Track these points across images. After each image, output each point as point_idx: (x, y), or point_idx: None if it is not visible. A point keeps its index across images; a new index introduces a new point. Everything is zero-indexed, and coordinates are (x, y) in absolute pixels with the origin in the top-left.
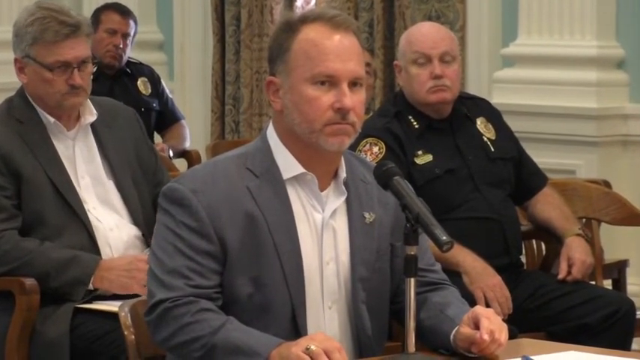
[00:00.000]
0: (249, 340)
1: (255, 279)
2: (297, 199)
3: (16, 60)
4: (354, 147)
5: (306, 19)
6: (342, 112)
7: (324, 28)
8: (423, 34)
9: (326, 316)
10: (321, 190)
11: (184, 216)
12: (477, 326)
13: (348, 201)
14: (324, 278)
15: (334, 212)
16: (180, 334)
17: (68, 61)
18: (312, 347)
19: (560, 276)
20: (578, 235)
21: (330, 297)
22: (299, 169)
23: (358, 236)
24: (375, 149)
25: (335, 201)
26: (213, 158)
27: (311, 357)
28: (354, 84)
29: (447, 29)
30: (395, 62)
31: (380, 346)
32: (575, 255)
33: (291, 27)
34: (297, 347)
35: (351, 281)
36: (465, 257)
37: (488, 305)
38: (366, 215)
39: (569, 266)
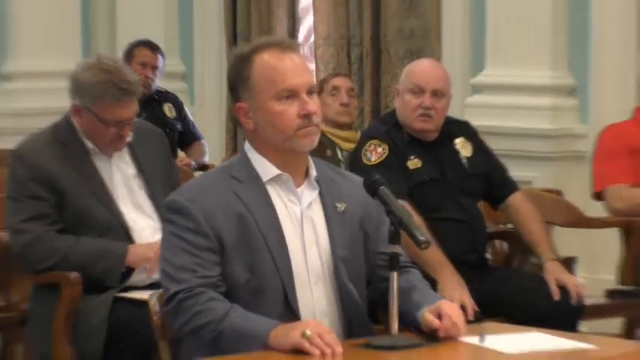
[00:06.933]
0: (250, 325)
1: (250, 267)
2: (277, 196)
3: (74, 105)
4: (360, 147)
5: (257, 48)
6: (307, 117)
7: (275, 53)
8: (423, 70)
9: (313, 292)
10: (297, 187)
11: (185, 221)
12: (439, 316)
13: (321, 194)
14: (307, 260)
15: (310, 204)
16: (193, 321)
17: (122, 120)
18: (308, 332)
19: (557, 298)
20: (554, 259)
21: (315, 275)
22: (275, 171)
23: (334, 222)
24: (380, 150)
25: (309, 194)
26: (204, 172)
27: (308, 340)
28: (310, 92)
29: (444, 69)
30: (396, 86)
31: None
32: (566, 280)
33: (246, 57)
34: (294, 332)
35: (333, 260)
36: (442, 273)
37: None
38: (338, 205)
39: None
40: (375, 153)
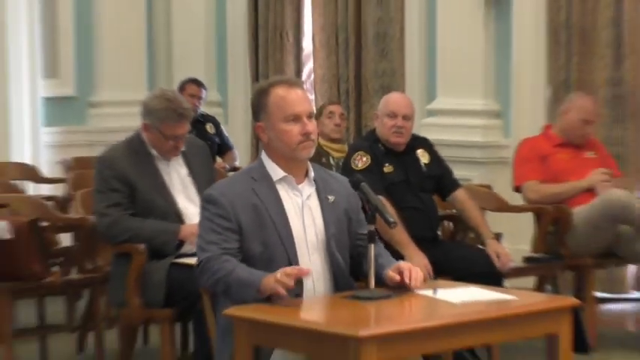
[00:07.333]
0: (250, 276)
1: (263, 242)
2: (284, 191)
3: (144, 124)
4: (349, 157)
5: (272, 84)
6: (307, 135)
7: (285, 87)
8: (396, 100)
9: (311, 260)
10: (298, 184)
11: (216, 209)
12: (400, 273)
13: (317, 190)
14: (307, 237)
15: (309, 196)
16: (213, 277)
17: (178, 135)
18: (278, 275)
19: (498, 265)
20: (493, 238)
21: (312, 247)
22: (282, 173)
23: (327, 209)
24: (364, 159)
25: (308, 190)
26: (233, 173)
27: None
28: (309, 117)
29: (410, 100)
30: (375, 112)
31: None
32: (500, 251)
33: (265, 90)
34: (274, 288)
35: (326, 237)
36: (408, 249)
37: None
38: (329, 197)
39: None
40: (361, 161)
